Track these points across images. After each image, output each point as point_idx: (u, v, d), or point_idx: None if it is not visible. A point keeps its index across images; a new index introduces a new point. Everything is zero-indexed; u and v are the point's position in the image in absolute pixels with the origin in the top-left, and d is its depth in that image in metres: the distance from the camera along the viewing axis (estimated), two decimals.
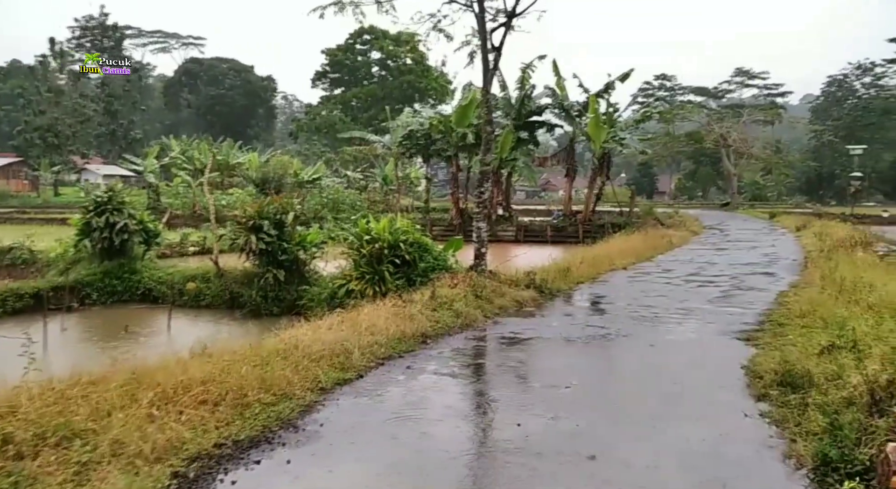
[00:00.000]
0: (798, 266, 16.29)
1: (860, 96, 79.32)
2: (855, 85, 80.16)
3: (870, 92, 78.98)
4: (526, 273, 12.38)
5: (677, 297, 11.85)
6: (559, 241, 31.36)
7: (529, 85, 32.43)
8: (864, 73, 79.42)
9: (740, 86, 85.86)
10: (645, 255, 18.91)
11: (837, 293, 10.04)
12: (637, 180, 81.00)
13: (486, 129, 12.28)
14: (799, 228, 28.61)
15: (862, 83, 79.72)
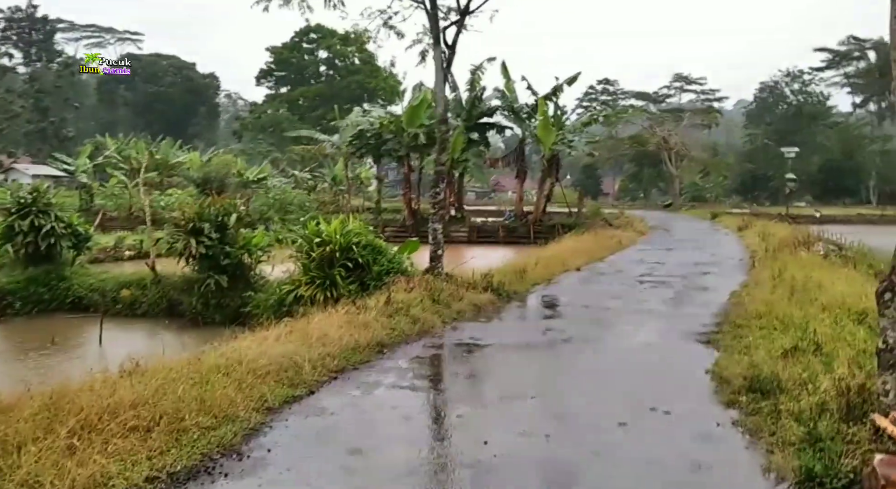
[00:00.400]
0: (745, 265, 16.56)
1: (790, 102, 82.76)
2: (785, 91, 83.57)
3: (798, 98, 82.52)
4: (483, 275, 12.07)
5: (633, 298, 11.76)
6: (511, 241, 31.33)
7: (480, 86, 32.34)
8: (793, 80, 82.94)
9: (679, 91, 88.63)
10: (597, 256, 18.92)
11: (789, 293, 10.11)
12: (582, 182, 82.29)
13: (440, 128, 11.93)
14: (741, 228, 29.37)
15: (791, 90, 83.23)
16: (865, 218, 48.13)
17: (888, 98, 78.14)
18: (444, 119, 11.90)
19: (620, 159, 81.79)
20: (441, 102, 11.74)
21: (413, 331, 8.78)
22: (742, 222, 31.10)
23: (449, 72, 11.53)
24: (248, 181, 42.33)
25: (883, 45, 76.68)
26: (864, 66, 79.39)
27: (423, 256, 13.23)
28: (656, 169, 76.94)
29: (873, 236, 20.30)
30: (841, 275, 11.30)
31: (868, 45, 78.13)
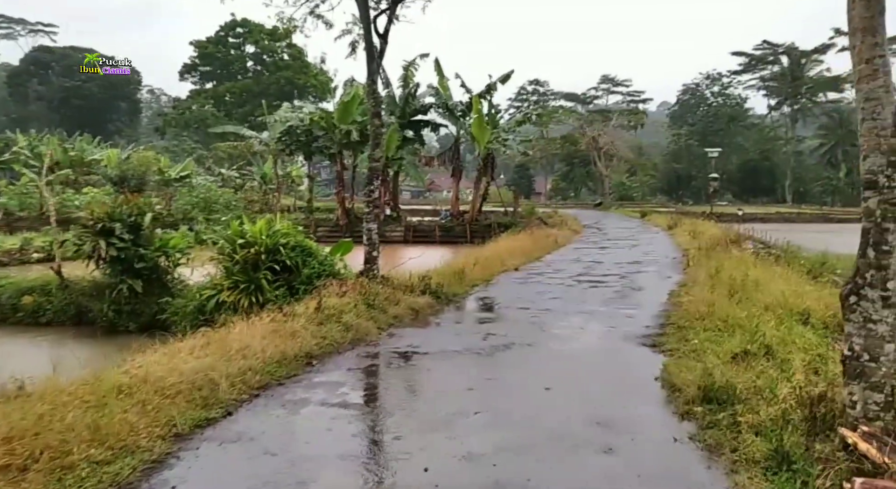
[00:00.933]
0: (680, 264, 16.69)
1: (710, 104, 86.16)
2: (706, 93, 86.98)
3: (718, 100, 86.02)
4: (421, 277, 11.53)
5: (573, 299, 11.50)
6: (448, 241, 31.00)
7: (413, 83, 31.79)
8: (712, 83, 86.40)
9: (606, 92, 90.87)
10: (534, 255, 18.73)
11: (729, 293, 10.06)
12: (515, 181, 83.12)
13: (373, 122, 11.29)
14: (671, 227, 30.01)
15: (711, 92, 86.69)
16: (784, 216, 50.49)
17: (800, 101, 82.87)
18: (377, 113, 11.28)
19: (552, 159, 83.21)
20: (373, 95, 11.12)
21: (346, 340, 8.14)
22: (671, 221, 31.81)
23: (381, 63, 10.93)
24: (170, 179, 40.22)
25: (794, 50, 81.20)
26: (778, 70, 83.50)
27: (357, 258, 12.58)
28: (586, 169, 78.68)
29: (794, 234, 21.06)
30: (775, 273, 11.40)
31: (781, 49, 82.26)
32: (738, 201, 71.86)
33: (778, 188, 79.80)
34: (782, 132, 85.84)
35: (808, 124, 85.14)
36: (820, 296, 9.03)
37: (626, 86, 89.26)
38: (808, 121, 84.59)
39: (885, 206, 3.88)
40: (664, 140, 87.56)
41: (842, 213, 54.37)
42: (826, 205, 68.29)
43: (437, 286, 11.43)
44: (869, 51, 4.15)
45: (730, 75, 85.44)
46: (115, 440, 4.60)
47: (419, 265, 13.66)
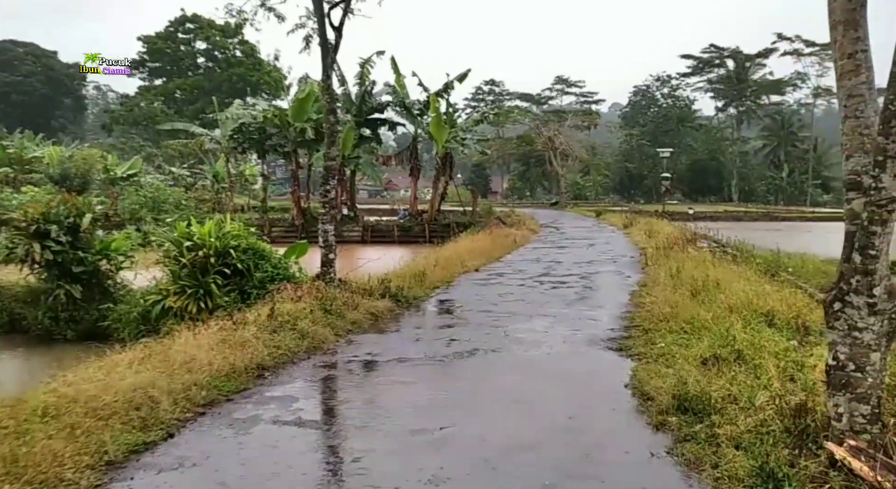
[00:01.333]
0: (638, 263, 16.71)
1: (660, 105, 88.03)
2: (656, 95, 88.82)
3: (668, 101, 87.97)
4: (380, 280, 11.12)
5: (536, 301, 11.27)
6: (406, 241, 30.60)
7: (369, 81, 31.25)
8: (662, 85, 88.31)
9: (560, 93, 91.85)
10: (494, 255, 18.51)
11: (691, 293, 9.99)
12: (472, 181, 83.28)
13: (328, 119, 10.82)
14: (626, 226, 30.29)
15: (661, 93, 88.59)
16: (731, 214, 51.70)
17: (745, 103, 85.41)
18: (333, 109, 10.81)
19: (508, 159, 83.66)
20: (328, 91, 10.64)
21: (301, 349, 7.68)
22: (626, 220, 32.16)
23: (335, 58, 10.48)
24: (116, 178, 38.58)
25: (739, 54, 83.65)
26: (724, 73, 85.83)
27: (313, 260, 12.09)
28: (541, 168, 79.38)
29: (743, 232, 21.35)
30: (734, 273, 11.41)
31: (726, 53, 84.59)
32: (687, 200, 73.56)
33: (725, 187, 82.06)
34: (729, 133, 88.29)
35: (752, 126, 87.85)
36: (781, 296, 9.01)
37: (580, 87, 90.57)
38: (752, 122, 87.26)
39: (871, 209, 3.70)
40: (616, 140, 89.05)
41: (784, 211, 56.31)
42: (770, 203, 70.44)
43: (397, 289, 11.05)
44: (851, 45, 3.97)
45: (678, 77, 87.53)
46: (34, 472, 4.08)
47: (378, 267, 13.27)
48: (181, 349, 6.76)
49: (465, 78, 30.68)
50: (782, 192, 77.55)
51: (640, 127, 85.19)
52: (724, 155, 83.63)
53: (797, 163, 79.66)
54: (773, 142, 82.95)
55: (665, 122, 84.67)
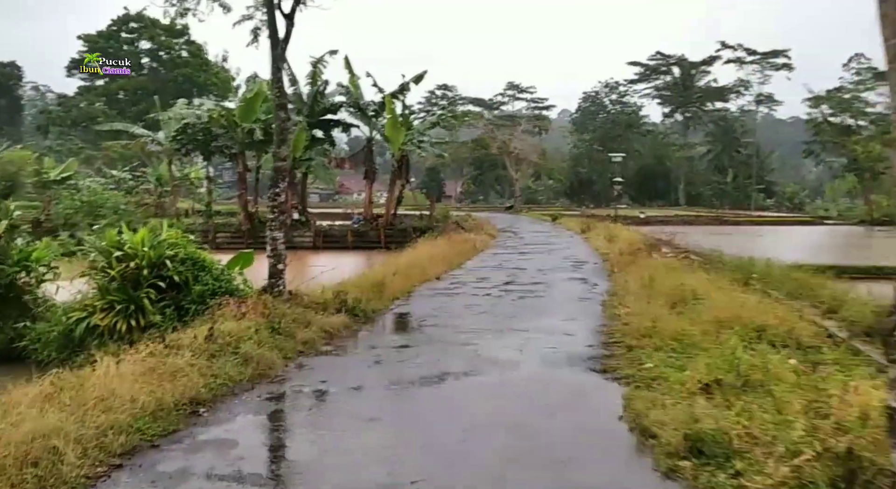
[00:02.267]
0: (603, 270, 16.20)
1: (609, 111, 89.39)
2: (605, 101, 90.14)
3: (616, 108, 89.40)
4: (335, 292, 10.16)
5: (504, 313, 10.51)
6: (361, 246, 29.52)
7: (322, 80, 30.09)
8: (611, 91, 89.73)
9: (512, 98, 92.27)
10: (455, 262, 17.73)
11: (669, 305, 9.41)
12: (426, 185, 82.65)
13: (278, 115, 9.82)
14: (584, 231, 30.01)
15: (610, 100, 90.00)
16: (682, 218, 52.37)
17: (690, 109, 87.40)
18: (283, 105, 9.81)
19: (461, 163, 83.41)
20: (277, 85, 9.65)
21: (244, 376, 6.69)
22: (584, 225, 31.89)
23: (286, 49, 9.50)
24: (48, 181, 36.25)
25: (684, 61, 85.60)
26: (670, 80, 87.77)
27: (260, 270, 11.02)
28: (495, 172, 79.34)
29: (698, 236, 21.15)
30: (708, 281, 10.89)
31: (672, 60, 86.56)
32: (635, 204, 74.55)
33: (672, 191, 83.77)
34: (675, 138, 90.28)
35: (697, 131, 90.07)
36: (765, 307, 8.47)
37: (531, 93, 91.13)
38: (697, 128, 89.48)
39: None
40: (565, 146, 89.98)
41: (732, 215, 57.38)
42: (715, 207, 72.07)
43: (353, 302, 10.11)
44: None
45: (626, 84, 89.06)
46: None
47: (333, 277, 12.30)
48: (99, 382, 5.69)
49: (422, 79, 29.88)
50: (727, 197, 79.56)
51: (590, 132, 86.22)
52: (670, 160, 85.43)
53: (741, 168, 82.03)
54: (717, 147, 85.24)
55: (613, 127, 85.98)
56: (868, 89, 55.12)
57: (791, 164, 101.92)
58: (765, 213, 62.36)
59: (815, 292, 11.28)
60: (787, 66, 78.42)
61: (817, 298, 10.72)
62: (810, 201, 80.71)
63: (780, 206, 76.59)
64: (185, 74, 71.30)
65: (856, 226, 46.83)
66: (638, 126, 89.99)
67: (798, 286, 12.01)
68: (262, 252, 11.70)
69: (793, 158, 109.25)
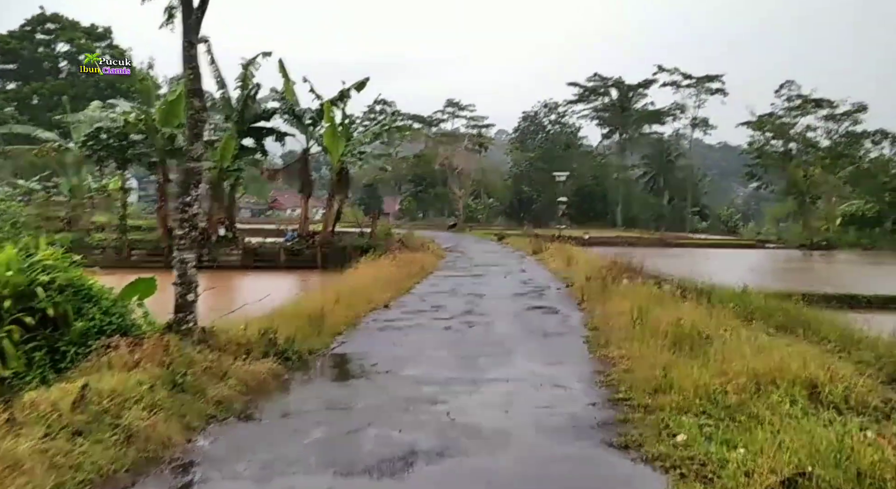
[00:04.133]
0: (570, 297, 14.66)
1: (548, 131, 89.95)
2: (544, 121, 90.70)
3: (555, 128, 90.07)
4: (262, 329, 8.06)
5: (472, 354, 8.66)
6: (295, 266, 27.11)
7: (253, 84, 27.63)
8: (550, 111, 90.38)
9: (451, 116, 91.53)
10: (404, 286, 15.83)
11: (673, 345, 7.84)
12: (364, 201, 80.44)
13: (191, 103, 7.71)
14: (536, 251, 28.70)
15: (549, 120, 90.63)
16: (626, 240, 52.05)
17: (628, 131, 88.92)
18: (197, 91, 7.72)
19: (400, 179, 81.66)
20: (190, 65, 7.56)
21: (122, 466, 4.58)
22: (535, 245, 30.56)
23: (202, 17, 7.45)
24: None
25: (622, 84, 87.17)
26: (609, 102, 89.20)
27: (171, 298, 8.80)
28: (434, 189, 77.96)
29: (648, 259, 19.68)
30: (707, 316, 9.41)
31: (610, 82, 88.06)
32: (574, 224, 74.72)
33: (609, 213, 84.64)
34: (613, 160, 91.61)
35: (634, 154, 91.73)
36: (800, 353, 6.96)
37: (471, 111, 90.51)
38: (634, 151, 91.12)
39: None
40: (504, 165, 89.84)
41: (674, 237, 57.79)
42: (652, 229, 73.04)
43: (285, 342, 8.06)
44: None
45: (565, 105, 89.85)
46: None
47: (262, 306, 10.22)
48: None
49: (364, 87, 27.92)
50: (663, 219, 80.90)
51: (530, 152, 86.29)
52: (608, 181, 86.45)
53: (676, 191, 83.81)
54: (652, 169, 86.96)
55: (553, 147, 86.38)
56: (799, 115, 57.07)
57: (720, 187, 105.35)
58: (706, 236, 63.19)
59: (813, 327, 10.06)
60: (721, 90, 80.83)
61: (818, 334, 9.48)
62: (743, 224, 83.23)
63: (715, 228, 78.46)
64: (106, 80, 66.79)
65: (795, 249, 47.72)
66: (577, 147, 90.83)
67: (788, 318, 10.80)
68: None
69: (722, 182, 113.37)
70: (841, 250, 46.96)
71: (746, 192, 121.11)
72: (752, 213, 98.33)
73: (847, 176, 52.57)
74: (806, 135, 52.96)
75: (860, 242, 49.87)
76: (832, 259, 40.48)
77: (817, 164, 48.11)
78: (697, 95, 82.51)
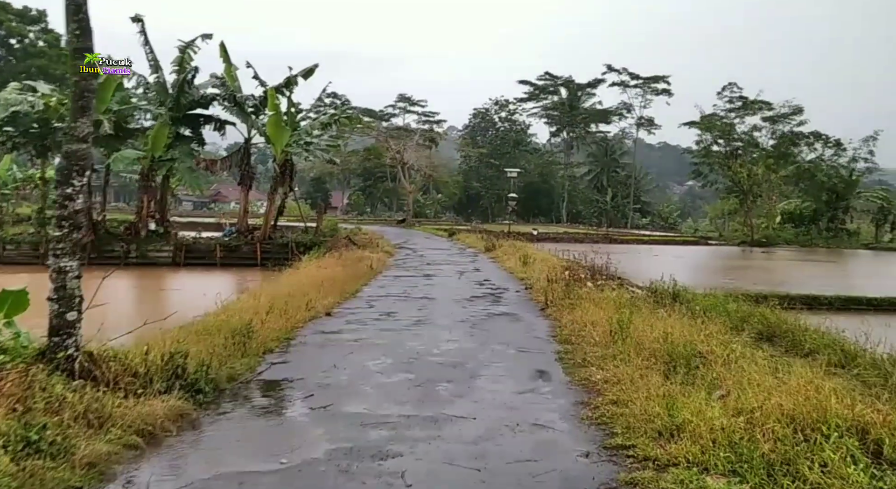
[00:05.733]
0: (531, 302, 13.48)
1: (498, 128, 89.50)
2: (494, 118, 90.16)
3: (505, 125, 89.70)
4: (167, 354, 6.43)
5: (430, 379, 7.26)
6: (232, 263, 25.23)
7: (190, 67, 25.46)
8: (500, 108, 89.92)
9: (403, 111, 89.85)
10: (349, 289, 14.31)
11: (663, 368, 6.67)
12: (311, 195, 78.07)
13: (75, 67, 6.03)
14: (489, 249, 27.53)
15: (499, 117, 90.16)
16: (572, 236, 51.58)
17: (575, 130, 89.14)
18: (85, 49, 6.00)
19: (348, 173, 79.63)
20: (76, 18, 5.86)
21: None
22: (487, 242, 29.41)
23: None
24: None
25: (571, 83, 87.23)
26: (558, 100, 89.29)
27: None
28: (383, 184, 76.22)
29: (596, 255, 18.70)
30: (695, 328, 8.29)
31: (560, 81, 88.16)
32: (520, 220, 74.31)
33: (554, 209, 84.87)
34: (559, 157, 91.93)
35: (580, 151, 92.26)
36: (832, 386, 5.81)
37: (422, 106, 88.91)
38: (581, 148, 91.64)
39: None
40: (453, 161, 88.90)
41: (618, 233, 57.78)
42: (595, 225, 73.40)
43: (197, 368, 6.48)
44: None
45: (516, 102, 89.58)
46: None
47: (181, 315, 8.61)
48: None
49: (311, 74, 26.10)
50: (606, 215, 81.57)
51: (479, 148, 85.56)
52: (554, 178, 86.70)
53: (619, 188, 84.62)
54: (596, 167, 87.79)
55: (502, 144, 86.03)
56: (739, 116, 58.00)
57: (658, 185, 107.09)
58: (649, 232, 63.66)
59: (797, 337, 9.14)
60: (667, 91, 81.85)
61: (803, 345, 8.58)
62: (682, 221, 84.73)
63: (655, 224, 79.43)
64: (39, 65, 62.35)
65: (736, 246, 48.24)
66: (525, 144, 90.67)
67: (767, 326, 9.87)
68: (108, 268, 8.06)
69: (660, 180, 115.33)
70: (779, 247, 47.86)
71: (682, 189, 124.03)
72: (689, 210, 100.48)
73: (790, 174, 53.70)
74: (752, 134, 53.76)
75: (797, 239, 51.11)
76: (774, 255, 40.93)
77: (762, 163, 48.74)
78: (643, 95, 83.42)
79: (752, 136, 53.57)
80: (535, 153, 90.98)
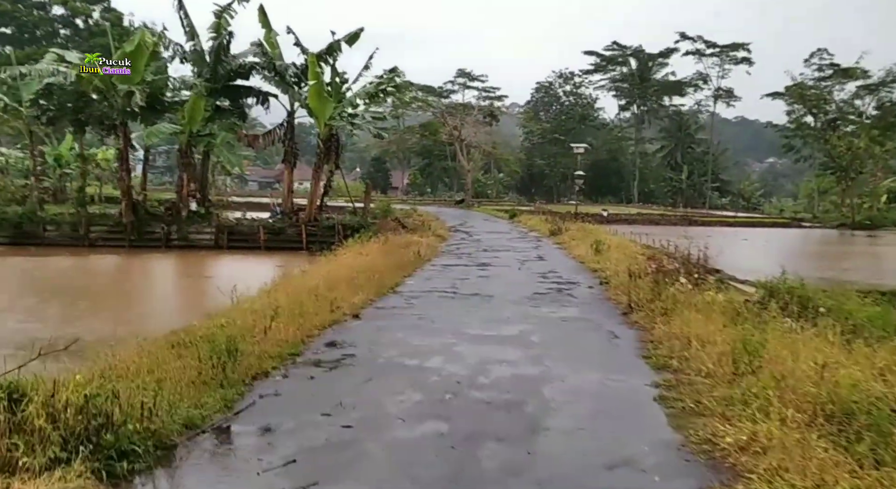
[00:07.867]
0: (609, 303, 10.95)
1: (563, 103, 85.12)
2: (558, 92, 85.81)
3: (570, 99, 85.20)
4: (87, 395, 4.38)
5: (469, 432, 5.01)
6: (277, 247, 23.65)
7: (227, 33, 23.67)
8: (565, 81, 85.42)
9: (462, 87, 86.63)
10: (388, 282, 12.15)
11: (836, 433, 4.16)
12: (371, 175, 76.48)
13: None
14: (553, 233, 24.88)
15: (564, 91, 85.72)
16: (648, 217, 48.11)
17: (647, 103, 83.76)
18: None
19: (408, 153, 77.67)
20: None
21: None
22: (552, 225, 26.72)
23: None
24: None
25: (641, 53, 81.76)
26: (627, 72, 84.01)
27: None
28: (443, 163, 73.82)
29: (679, 240, 15.94)
30: (854, 358, 5.66)
31: (629, 51, 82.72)
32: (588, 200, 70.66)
33: (624, 188, 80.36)
34: (630, 133, 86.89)
35: (652, 127, 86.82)
36: None
37: (483, 81, 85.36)
38: (653, 123, 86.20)
39: None
40: (515, 138, 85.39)
41: (698, 214, 53.47)
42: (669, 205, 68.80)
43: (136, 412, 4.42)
44: None
45: (581, 75, 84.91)
46: None
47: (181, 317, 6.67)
48: None
49: (357, 39, 23.95)
50: (681, 195, 76.61)
51: (543, 124, 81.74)
52: (624, 155, 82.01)
53: (695, 165, 79.18)
54: (670, 143, 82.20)
55: (567, 120, 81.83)
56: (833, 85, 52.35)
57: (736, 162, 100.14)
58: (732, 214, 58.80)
59: None
60: (747, 60, 75.58)
61: None
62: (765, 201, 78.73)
63: (735, 204, 74.05)
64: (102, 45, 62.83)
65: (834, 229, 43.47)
66: (592, 119, 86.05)
67: None
68: (149, 251, 6.14)
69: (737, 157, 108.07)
70: (885, 229, 42.69)
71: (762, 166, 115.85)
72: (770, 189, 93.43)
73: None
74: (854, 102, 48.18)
75: None
76: (882, 240, 36.36)
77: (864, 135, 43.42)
78: (721, 65, 77.29)
79: (852, 104, 48.02)
80: (602, 128, 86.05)
